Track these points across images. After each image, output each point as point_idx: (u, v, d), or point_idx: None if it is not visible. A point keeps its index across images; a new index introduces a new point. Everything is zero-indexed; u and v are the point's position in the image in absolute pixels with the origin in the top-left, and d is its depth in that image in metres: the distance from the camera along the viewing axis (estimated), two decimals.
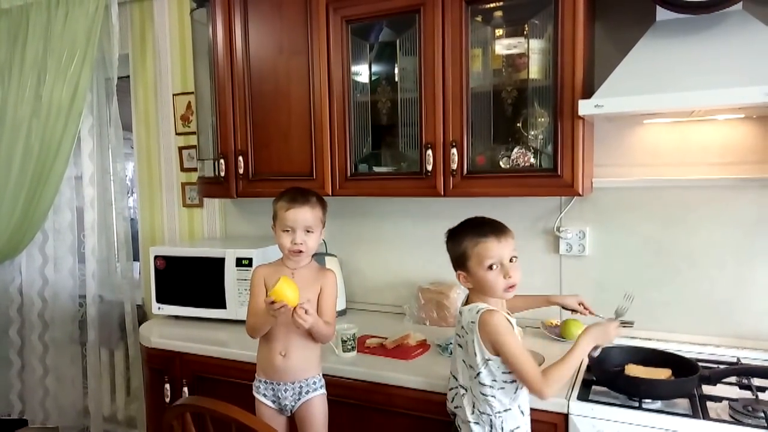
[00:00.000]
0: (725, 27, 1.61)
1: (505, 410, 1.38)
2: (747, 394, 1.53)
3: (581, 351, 1.39)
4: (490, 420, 1.38)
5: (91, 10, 2.68)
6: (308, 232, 1.62)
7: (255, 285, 1.67)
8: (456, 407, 1.47)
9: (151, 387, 2.23)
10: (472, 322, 1.39)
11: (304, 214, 1.60)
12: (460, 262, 1.43)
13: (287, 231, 1.60)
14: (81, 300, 3.05)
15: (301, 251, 1.62)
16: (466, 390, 1.42)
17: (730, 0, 1.57)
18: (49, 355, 3.10)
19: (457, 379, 1.48)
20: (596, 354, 1.57)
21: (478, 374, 1.38)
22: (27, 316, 3.14)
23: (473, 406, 1.40)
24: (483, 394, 1.38)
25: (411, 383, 1.70)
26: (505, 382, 1.38)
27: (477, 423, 1.39)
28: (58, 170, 2.81)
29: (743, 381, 1.60)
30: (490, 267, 1.38)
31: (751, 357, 1.81)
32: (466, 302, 1.48)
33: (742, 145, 1.86)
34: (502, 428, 1.38)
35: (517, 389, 1.40)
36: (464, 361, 1.43)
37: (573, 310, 1.71)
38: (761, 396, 1.51)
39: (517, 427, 1.40)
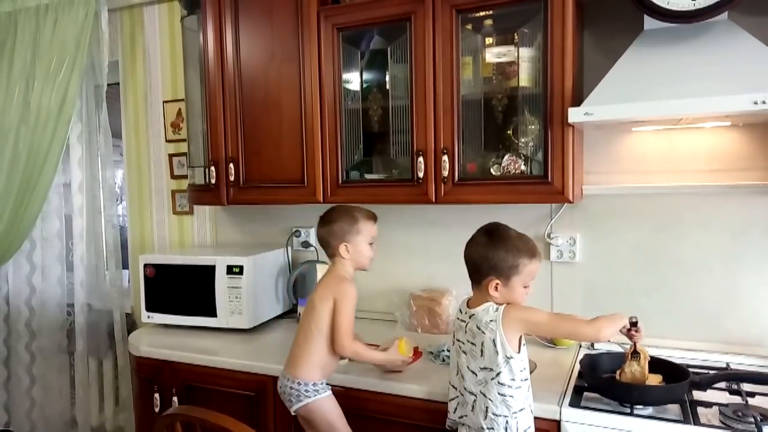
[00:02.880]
0: (712, 36, 1.63)
1: (520, 410, 1.39)
2: (737, 400, 1.54)
3: (613, 316, 1.45)
4: (506, 422, 1.38)
5: (81, 16, 2.66)
6: None
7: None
8: (461, 417, 1.46)
9: (141, 397, 2.21)
10: (492, 320, 1.39)
11: None
12: (503, 271, 1.41)
13: (372, 243, 1.75)
14: (69, 309, 3.01)
15: None
16: (476, 396, 1.42)
17: (716, 10, 1.60)
18: (36, 365, 3.05)
19: (457, 388, 1.47)
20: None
21: (498, 374, 1.38)
22: (14, 325, 3.09)
23: (486, 411, 1.39)
24: (501, 395, 1.38)
25: (403, 391, 1.70)
26: (522, 380, 1.40)
27: (491, 428, 1.39)
28: (47, 177, 2.78)
29: (733, 386, 1.61)
30: (526, 287, 1.44)
31: (740, 362, 1.82)
32: (468, 306, 1.47)
33: (728, 153, 1.88)
34: (517, 428, 1.39)
35: (529, 388, 1.43)
36: (469, 368, 1.43)
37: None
38: (751, 401, 1.53)
39: (529, 427, 1.42)
